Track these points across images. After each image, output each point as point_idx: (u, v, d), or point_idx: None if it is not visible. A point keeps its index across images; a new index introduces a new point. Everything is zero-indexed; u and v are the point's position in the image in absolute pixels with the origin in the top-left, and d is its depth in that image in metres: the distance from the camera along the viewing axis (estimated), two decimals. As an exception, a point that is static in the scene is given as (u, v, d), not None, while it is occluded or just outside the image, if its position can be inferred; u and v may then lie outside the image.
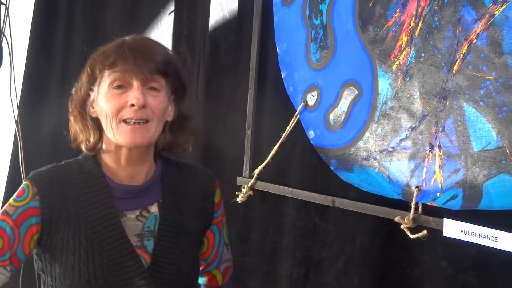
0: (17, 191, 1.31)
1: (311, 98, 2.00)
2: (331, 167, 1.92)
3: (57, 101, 2.85)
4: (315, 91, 1.99)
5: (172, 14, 2.57)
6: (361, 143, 1.83)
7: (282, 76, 2.11)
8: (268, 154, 2.08)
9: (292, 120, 2.04)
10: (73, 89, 1.36)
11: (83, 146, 1.35)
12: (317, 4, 1.98)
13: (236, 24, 2.34)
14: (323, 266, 2.01)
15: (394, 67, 1.74)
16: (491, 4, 1.49)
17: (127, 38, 1.32)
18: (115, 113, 1.25)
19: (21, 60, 2.81)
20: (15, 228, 1.27)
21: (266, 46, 2.19)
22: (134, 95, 1.23)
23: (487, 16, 1.49)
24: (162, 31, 2.60)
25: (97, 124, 1.32)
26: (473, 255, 1.63)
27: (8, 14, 2.45)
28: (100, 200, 1.31)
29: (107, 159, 1.34)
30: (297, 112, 2.04)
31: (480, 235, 1.51)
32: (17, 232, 1.27)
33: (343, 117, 1.89)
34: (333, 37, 1.93)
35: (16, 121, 2.48)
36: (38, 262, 1.36)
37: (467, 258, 1.64)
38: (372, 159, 1.79)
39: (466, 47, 1.55)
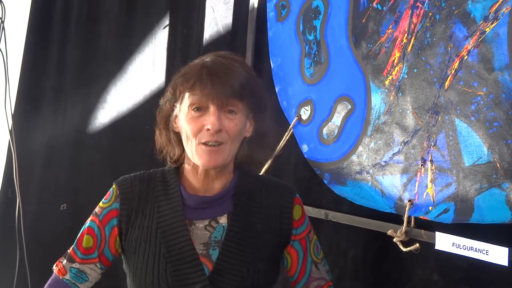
0: (107, 193, 1.41)
1: (305, 113, 2.02)
2: (324, 181, 1.93)
3: (51, 112, 2.85)
4: (309, 106, 2.01)
5: (167, 28, 2.59)
6: (354, 157, 1.84)
7: (276, 90, 2.13)
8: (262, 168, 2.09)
9: (285, 134, 2.05)
10: (160, 103, 1.41)
11: (167, 159, 1.42)
12: (311, 20, 2.01)
13: (230, 39, 2.36)
14: (316, 279, 2.01)
15: (386, 82, 1.76)
16: (481, 22, 1.52)
17: (207, 59, 1.35)
18: (194, 135, 1.31)
19: (15, 72, 2.82)
20: (102, 228, 1.38)
21: (260, 60, 2.21)
22: (210, 120, 1.29)
23: (478, 33, 1.52)
24: (157, 45, 2.62)
25: (179, 138, 1.38)
26: (464, 268, 1.64)
27: (3, 28, 2.46)
28: (172, 208, 1.37)
29: (187, 170, 1.40)
30: (290, 126, 2.06)
31: (471, 248, 1.53)
32: (103, 232, 1.38)
33: (336, 131, 1.91)
34: (327, 53, 1.96)
35: (10, 132, 2.48)
36: (123, 261, 1.43)
37: (459, 271, 1.66)
38: (365, 173, 1.81)
39: (457, 63, 1.57)
